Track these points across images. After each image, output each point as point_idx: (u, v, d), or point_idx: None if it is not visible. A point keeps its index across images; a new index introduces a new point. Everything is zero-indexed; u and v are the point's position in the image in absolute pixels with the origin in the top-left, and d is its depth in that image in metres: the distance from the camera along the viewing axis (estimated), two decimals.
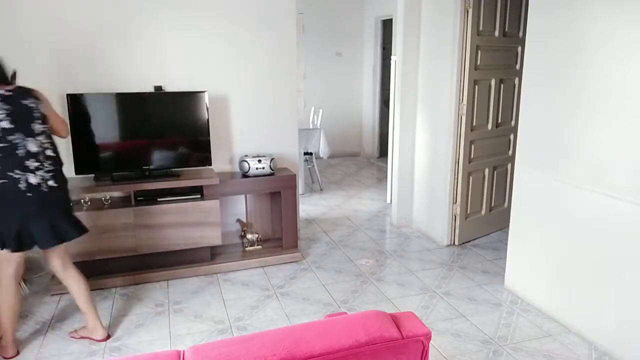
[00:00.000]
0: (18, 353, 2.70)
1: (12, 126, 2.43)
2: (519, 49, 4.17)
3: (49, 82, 3.45)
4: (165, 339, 2.83)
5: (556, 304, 2.98)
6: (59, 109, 3.45)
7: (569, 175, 2.81)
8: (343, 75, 7.75)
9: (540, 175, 3.03)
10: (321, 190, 5.99)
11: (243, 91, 3.92)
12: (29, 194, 2.46)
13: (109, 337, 2.83)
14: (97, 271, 3.40)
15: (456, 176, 4.06)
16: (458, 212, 4.12)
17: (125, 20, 3.54)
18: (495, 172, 4.35)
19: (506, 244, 3.43)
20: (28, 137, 2.48)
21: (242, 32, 3.83)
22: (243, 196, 4.01)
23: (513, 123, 4.31)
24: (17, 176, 2.44)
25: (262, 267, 3.76)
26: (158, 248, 3.45)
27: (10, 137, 2.43)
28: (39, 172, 2.49)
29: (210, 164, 3.68)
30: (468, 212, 4.20)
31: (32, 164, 2.47)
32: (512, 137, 4.35)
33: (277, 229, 4.01)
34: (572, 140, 2.78)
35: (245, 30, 3.84)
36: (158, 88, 3.65)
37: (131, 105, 3.50)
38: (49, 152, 2.57)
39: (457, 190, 4.08)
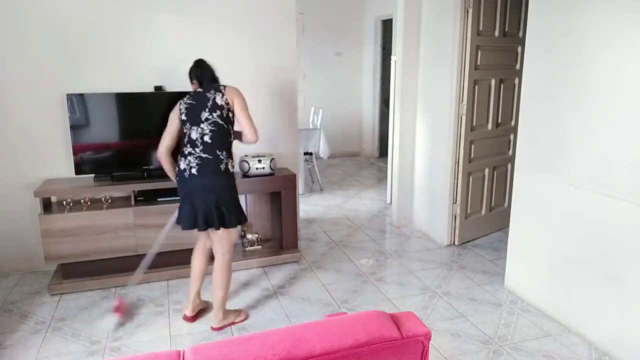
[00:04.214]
0: (195, 318, 3.02)
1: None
2: (519, 49, 4.17)
3: (49, 82, 3.46)
4: (165, 339, 2.83)
5: (556, 304, 2.98)
6: (59, 109, 3.48)
7: (569, 175, 2.81)
8: (343, 75, 7.75)
9: (540, 175, 3.03)
10: (321, 190, 5.99)
11: (243, 91, 3.92)
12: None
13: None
14: (97, 271, 3.40)
15: (456, 176, 4.06)
16: (458, 212, 4.12)
17: (125, 20, 3.55)
18: (495, 172, 4.35)
19: (506, 244, 3.43)
20: (193, 125, 2.77)
21: (242, 32, 3.84)
22: (243, 196, 4.01)
23: (513, 123, 4.31)
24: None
25: (262, 267, 3.76)
26: (158, 248, 3.44)
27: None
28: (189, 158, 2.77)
29: None
30: (468, 212, 4.20)
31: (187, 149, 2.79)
32: (512, 137, 4.35)
33: (277, 229, 4.01)
34: (572, 140, 2.78)
35: (245, 30, 3.84)
36: (158, 88, 3.65)
37: (131, 105, 3.50)
38: (207, 139, 2.74)
39: (457, 190, 4.08)
